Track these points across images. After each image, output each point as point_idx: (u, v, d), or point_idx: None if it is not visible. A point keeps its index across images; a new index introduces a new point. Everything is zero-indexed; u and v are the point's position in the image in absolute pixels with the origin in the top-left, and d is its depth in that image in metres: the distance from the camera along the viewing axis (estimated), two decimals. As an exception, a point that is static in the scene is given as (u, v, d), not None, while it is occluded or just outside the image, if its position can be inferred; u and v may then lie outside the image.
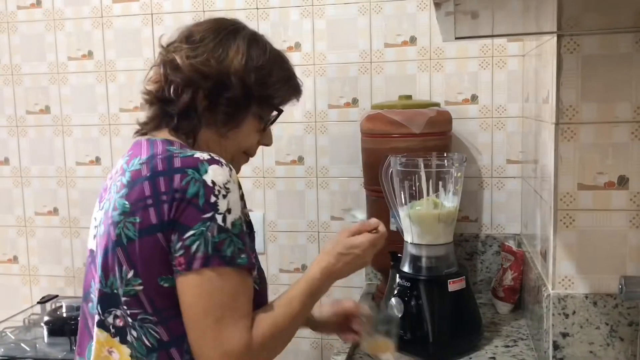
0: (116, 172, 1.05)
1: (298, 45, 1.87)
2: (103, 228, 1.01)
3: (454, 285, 1.37)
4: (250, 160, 1.18)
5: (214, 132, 1.07)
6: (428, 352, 1.34)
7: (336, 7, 1.84)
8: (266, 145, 1.18)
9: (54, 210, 2.12)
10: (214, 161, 0.96)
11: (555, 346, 1.20)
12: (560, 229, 1.19)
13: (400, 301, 1.37)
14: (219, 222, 0.93)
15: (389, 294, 1.41)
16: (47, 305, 1.98)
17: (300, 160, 1.92)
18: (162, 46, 1.09)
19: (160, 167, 0.96)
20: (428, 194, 1.38)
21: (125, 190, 0.98)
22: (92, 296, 1.04)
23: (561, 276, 1.20)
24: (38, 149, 2.10)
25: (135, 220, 0.95)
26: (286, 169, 1.93)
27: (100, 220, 1.03)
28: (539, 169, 1.40)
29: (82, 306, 1.08)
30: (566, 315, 1.19)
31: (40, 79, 2.07)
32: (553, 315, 1.20)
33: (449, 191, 1.40)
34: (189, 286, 0.93)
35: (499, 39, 1.73)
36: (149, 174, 0.96)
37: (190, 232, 0.92)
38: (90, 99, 2.04)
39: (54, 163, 2.10)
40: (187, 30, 1.09)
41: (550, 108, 1.22)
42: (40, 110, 2.09)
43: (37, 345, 1.78)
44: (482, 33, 1.35)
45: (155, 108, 1.08)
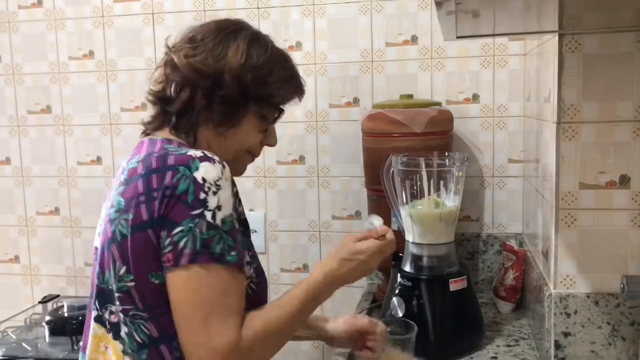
0: (119, 171, 1.06)
1: (299, 45, 1.87)
2: (103, 226, 1.02)
3: (455, 285, 1.37)
4: (252, 159, 1.18)
5: (213, 131, 1.08)
6: (429, 352, 1.33)
7: (337, 6, 1.83)
8: (270, 146, 1.18)
9: (55, 210, 2.12)
10: (206, 158, 0.96)
11: (557, 345, 1.20)
12: (562, 228, 1.19)
13: (401, 301, 1.37)
14: (208, 219, 0.92)
15: (391, 293, 1.42)
16: (49, 305, 1.98)
17: (302, 159, 1.92)
18: (167, 47, 1.10)
19: (154, 165, 0.96)
20: (429, 194, 1.38)
21: (122, 187, 0.99)
22: (94, 292, 1.04)
23: (563, 275, 1.20)
24: (39, 149, 2.11)
25: (129, 217, 0.95)
26: (287, 168, 1.93)
27: (102, 218, 1.04)
28: (540, 168, 1.40)
29: (89, 302, 1.09)
30: (568, 315, 1.19)
31: (41, 78, 2.07)
32: (555, 314, 1.20)
33: (450, 190, 1.40)
34: (177, 282, 0.93)
35: (500, 38, 1.73)
36: (144, 172, 0.96)
37: (179, 229, 0.92)
38: (91, 98, 2.04)
39: (55, 163, 2.10)
40: (191, 31, 1.09)
41: (551, 107, 1.22)
42: (42, 110, 2.09)
43: (39, 345, 1.78)
44: (484, 32, 1.35)
45: (157, 108, 1.10)
